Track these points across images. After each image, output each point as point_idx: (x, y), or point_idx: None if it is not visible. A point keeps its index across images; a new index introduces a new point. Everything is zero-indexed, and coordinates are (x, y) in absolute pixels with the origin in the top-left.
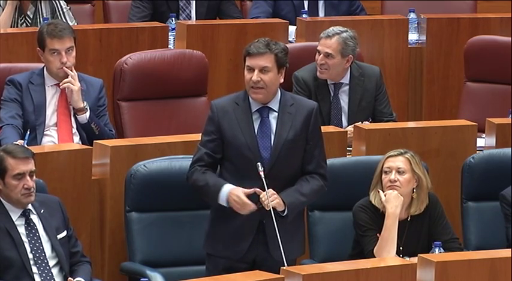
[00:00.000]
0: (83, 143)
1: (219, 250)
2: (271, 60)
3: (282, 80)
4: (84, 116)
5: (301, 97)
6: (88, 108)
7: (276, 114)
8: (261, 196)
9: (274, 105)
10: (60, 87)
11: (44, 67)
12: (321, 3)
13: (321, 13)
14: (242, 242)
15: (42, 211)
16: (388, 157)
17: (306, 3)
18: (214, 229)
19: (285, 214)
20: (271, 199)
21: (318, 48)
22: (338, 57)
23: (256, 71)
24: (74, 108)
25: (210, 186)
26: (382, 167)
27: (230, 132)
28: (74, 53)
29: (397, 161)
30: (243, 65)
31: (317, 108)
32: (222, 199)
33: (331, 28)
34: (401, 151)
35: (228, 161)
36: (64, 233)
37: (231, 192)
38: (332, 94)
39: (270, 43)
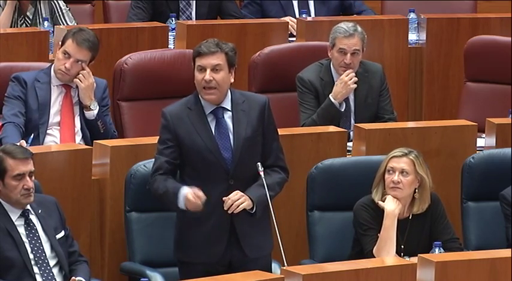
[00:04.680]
0: (85, 143)
1: (194, 256)
2: (222, 59)
3: (232, 80)
4: (92, 113)
5: (250, 93)
6: (95, 108)
7: (230, 113)
8: (224, 199)
9: (227, 104)
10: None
11: (51, 66)
12: (311, 2)
13: (312, 11)
14: (217, 245)
15: (40, 211)
16: (392, 157)
17: (295, 3)
18: (185, 235)
19: (253, 211)
20: (240, 201)
21: (342, 47)
22: (361, 54)
23: (208, 70)
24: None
25: (169, 192)
26: (386, 166)
27: (188, 138)
28: (81, 67)
29: (401, 162)
30: (193, 66)
31: (269, 102)
32: (181, 202)
33: (343, 25)
34: (406, 151)
35: (189, 167)
36: (62, 233)
37: (187, 193)
38: None
39: (220, 43)
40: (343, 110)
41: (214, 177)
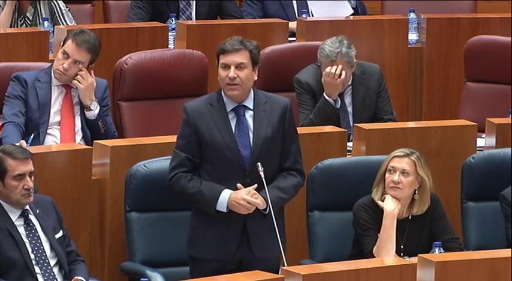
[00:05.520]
0: (86, 143)
1: (207, 252)
2: (246, 57)
3: (256, 78)
4: (92, 113)
5: (273, 95)
6: (96, 108)
7: (252, 112)
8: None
9: (249, 103)
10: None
11: (51, 66)
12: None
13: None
14: (229, 243)
15: (37, 211)
16: (394, 157)
17: (294, 3)
18: (199, 232)
19: (267, 211)
20: (253, 198)
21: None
22: (350, 70)
23: (232, 68)
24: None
25: (204, 193)
26: (387, 165)
27: (208, 133)
28: (79, 68)
29: (402, 163)
30: (217, 64)
31: (291, 105)
32: (222, 205)
33: (326, 48)
34: (408, 151)
35: (207, 163)
36: (61, 233)
37: (232, 197)
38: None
39: (244, 40)
40: (338, 106)
41: (231, 174)
